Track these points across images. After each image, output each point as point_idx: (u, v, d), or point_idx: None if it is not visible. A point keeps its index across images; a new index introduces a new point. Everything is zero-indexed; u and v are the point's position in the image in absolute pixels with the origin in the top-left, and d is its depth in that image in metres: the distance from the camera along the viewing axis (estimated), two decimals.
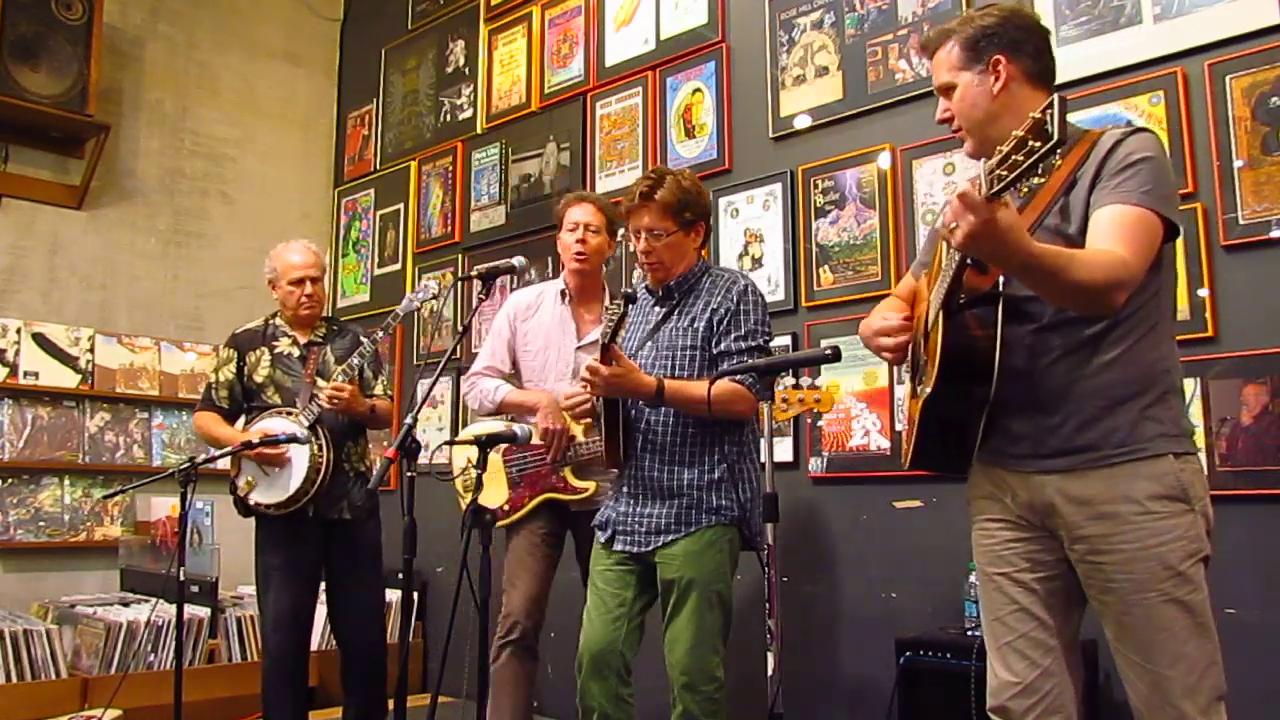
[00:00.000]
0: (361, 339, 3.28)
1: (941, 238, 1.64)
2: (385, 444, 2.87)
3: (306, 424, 3.11)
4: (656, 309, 2.61)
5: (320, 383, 3.18)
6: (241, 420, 3.32)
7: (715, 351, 2.50)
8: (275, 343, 3.31)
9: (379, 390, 3.32)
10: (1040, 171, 1.45)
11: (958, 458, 1.81)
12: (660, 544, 2.46)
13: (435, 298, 3.25)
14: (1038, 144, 1.41)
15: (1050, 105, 1.39)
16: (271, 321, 3.38)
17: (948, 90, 1.82)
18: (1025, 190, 1.61)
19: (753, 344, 2.50)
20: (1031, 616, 1.74)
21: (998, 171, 1.47)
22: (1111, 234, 1.62)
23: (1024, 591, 1.76)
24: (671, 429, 2.49)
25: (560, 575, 2.99)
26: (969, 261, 1.61)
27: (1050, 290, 1.62)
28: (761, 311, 2.56)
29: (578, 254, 2.95)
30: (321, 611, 3.35)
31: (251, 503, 3.19)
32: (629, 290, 2.41)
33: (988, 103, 1.77)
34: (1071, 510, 1.68)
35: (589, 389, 2.46)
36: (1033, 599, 1.75)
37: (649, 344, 2.56)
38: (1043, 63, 1.81)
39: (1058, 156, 1.46)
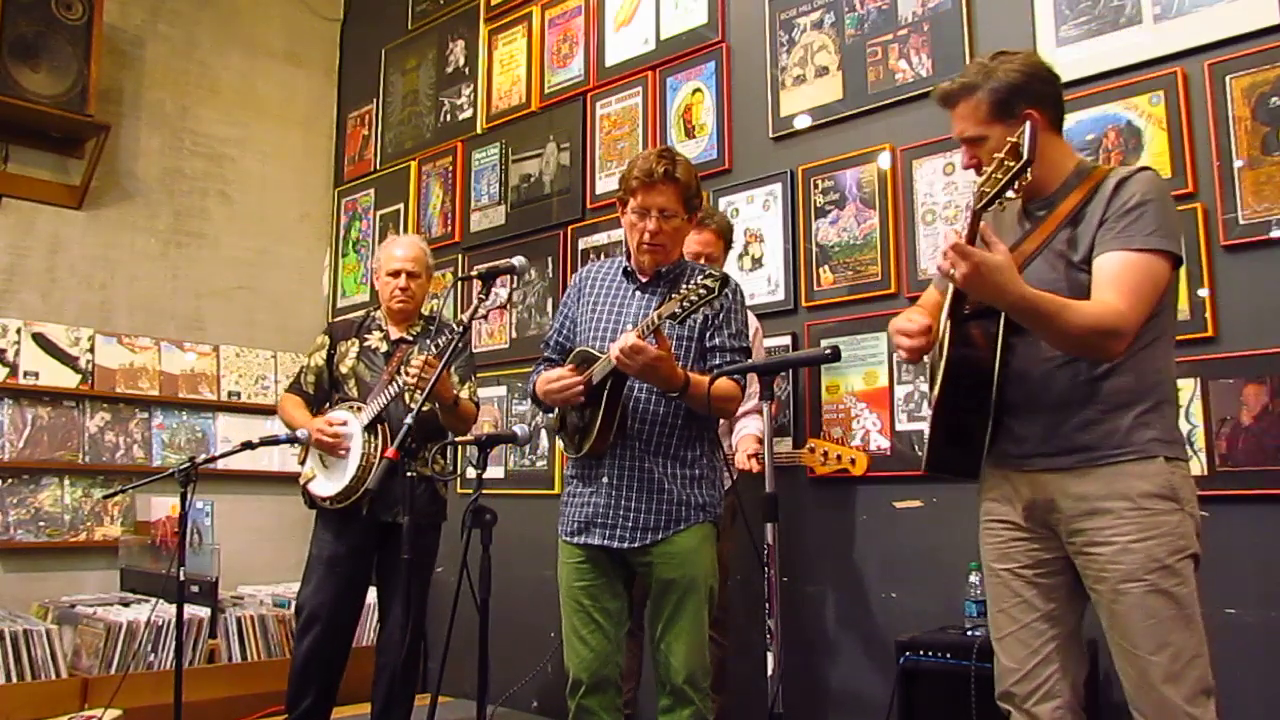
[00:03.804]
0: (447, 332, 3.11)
1: (943, 275, 1.79)
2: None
3: (366, 420, 3.10)
4: (637, 293, 2.55)
5: (399, 379, 3.11)
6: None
7: (708, 345, 2.49)
8: (367, 335, 3.34)
9: (465, 395, 3.23)
10: (1017, 188, 1.69)
11: (967, 460, 1.93)
12: (649, 541, 2.40)
13: (510, 303, 3.14)
14: (1012, 163, 1.67)
15: (1023, 131, 1.66)
16: (372, 314, 3.42)
17: (976, 141, 1.92)
18: (1003, 206, 1.79)
19: (742, 344, 2.51)
20: (1033, 609, 1.89)
21: (982, 188, 1.73)
22: (1112, 283, 1.76)
23: (1026, 585, 1.90)
24: (664, 420, 2.44)
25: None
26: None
27: (1045, 332, 1.78)
28: (745, 312, 2.59)
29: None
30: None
31: (311, 494, 3.20)
32: (725, 274, 2.22)
33: None
34: (1070, 505, 1.82)
35: (621, 364, 2.27)
36: (1034, 593, 1.89)
37: (630, 327, 2.43)
38: (1061, 108, 1.95)
39: (1029, 174, 1.68)
